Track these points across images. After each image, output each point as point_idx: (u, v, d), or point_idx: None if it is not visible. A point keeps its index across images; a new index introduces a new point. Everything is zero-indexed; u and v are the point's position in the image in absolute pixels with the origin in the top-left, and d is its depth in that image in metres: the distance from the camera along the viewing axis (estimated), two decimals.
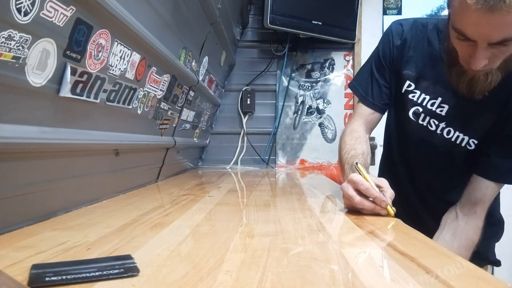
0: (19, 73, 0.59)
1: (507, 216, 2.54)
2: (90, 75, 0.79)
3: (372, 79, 1.04)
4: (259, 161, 2.32)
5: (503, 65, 0.79)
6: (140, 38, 0.93)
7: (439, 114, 0.91)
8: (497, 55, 0.75)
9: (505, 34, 0.69)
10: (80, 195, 0.89)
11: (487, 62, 0.75)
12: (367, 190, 0.77)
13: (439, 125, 0.92)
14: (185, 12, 1.27)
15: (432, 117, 0.93)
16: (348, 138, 1.02)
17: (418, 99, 0.94)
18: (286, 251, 0.55)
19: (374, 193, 0.77)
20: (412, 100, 0.95)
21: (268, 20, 1.96)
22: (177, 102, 1.45)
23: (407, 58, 0.98)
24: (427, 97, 0.93)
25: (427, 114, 0.93)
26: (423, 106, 0.93)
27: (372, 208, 0.78)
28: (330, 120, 2.36)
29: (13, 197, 0.66)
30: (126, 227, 0.69)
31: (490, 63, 0.76)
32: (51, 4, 0.60)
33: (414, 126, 0.97)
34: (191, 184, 1.41)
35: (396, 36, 1.02)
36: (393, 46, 1.01)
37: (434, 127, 0.93)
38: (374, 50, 1.08)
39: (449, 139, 0.92)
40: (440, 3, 2.68)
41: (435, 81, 0.92)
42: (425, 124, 0.94)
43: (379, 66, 1.03)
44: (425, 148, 0.97)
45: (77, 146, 0.83)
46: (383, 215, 0.79)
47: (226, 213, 0.85)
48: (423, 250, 0.58)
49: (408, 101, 0.96)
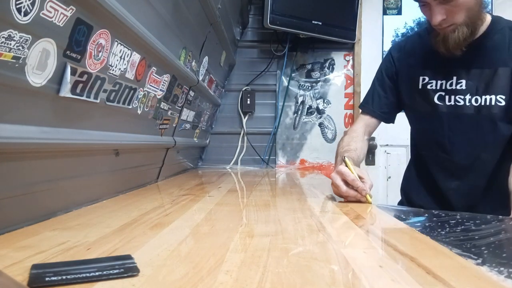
0: (19, 73, 0.59)
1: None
2: (90, 75, 0.79)
3: (373, 91, 1.18)
4: (259, 161, 2.32)
5: (468, 20, 0.92)
6: (140, 38, 0.93)
7: (461, 89, 1.00)
8: (453, 11, 0.90)
9: None
10: (80, 195, 0.89)
11: (446, 17, 0.91)
12: (352, 181, 0.92)
13: (465, 98, 0.99)
14: (185, 12, 1.27)
15: (456, 94, 1.01)
16: (347, 137, 1.18)
17: (437, 86, 1.03)
18: (286, 251, 0.55)
19: (358, 184, 0.92)
20: (432, 89, 1.04)
21: (268, 20, 1.96)
22: (177, 102, 1.45)
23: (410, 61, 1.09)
24: (444, 81, 1.02)
25: (451, 93, 1.01)
26: (444, 90, 1.02)
27: (355, 195, 0.94)
28: (330, 120, 2.37)
29: (13, 197, 0.66)
30: (126, 227, 0.69)
31: (451, 18, 0.91)
32: (51, 4, 0.60)
33: (443, 109, 1.03)
34: (191, 184, 1.41)
35: (395, 50, 1.17)
36: (393, 60, 1.15)
37: (461, 102, 1.00)
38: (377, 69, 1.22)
39: (479, 106, 0.98)
40: None
41: (442, 65, 1.02)
42: (453, 103, 1.01)
43: (380, 81, 1.17)
44: (461, 124, 1.02)
45: (77, 146, 0.83)
46: (363, 202, 0.95)
47: (226, 213, 0.85)
48: (423, 250, 0.58)
49: (429, 92, 1.04)
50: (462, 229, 0.74)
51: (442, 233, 0.70)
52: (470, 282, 0.45)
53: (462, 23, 0.93)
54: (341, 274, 0.46)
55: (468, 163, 1.04)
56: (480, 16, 0.97)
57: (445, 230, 0.73)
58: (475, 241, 0.64)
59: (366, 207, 0.93)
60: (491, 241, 0.65)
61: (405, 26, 2.69)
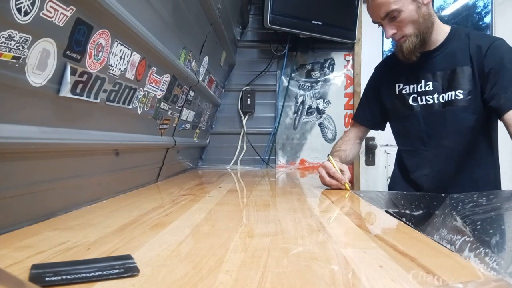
0: (19, 73, 0.59)
1: None
2: (90, 75, 0.79)
3: (362, 104, 1.43)
4: (259, 161, 2.32)
5: (416, 31, 1.12)
6: (140, 38, 0.93)
7: (429, 90, 1.18)
8: (400, 25, 1.11)
9: (385, 10, 1.10)
10: (80, 195, 0.89)
11: (396, 31, 1.13)
12: (334, 173, 1.18)
13: (433, 97, 1.17)
14: (185, 12, 1.27)
15: (426, 95, 1.18)
16: (340, 140, 1.45)
17: (410, 90, 1.22)
18: (286, 251, 0.55)
19: (338, 175, 1.18)
20: (407, 93, 1.22)
21: (268, 20, 1.96)
22: (177, 102, 1.45)
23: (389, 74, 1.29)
24: (415, 85, 1.21)
25: (422, 94, 1.19)
26: (416, 92, 1.20)
27: (336, 184, 1.19)
28: (330, 120, 2.37)
29: (13, 197, 0.66)
30: (126, 227, 0.69)
31: (401, 32, 1.12)
32: (51, 4, 0.60)
33: (417, 109, 1.21)
34: (191, 184, 1.41)
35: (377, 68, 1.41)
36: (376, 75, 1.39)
37: (431, 100, 1.18)
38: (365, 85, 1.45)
39: (444, 102, 1.16)
40: (440, 3, 2.68)
41: (412, 72, 1.21)
42: (425, 103, 1.19)
43: (367, 94, 1.41)
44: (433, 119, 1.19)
45: (77, 146, 0.83)
46: (343, 189, 1.19)
47: (226, 213, 0.85)
48: (423, 250, 0.58)
49: (405, 96, 1.23)
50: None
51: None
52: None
53: (411, 34, 1.13)
54: (341, 274, 0.46)
55: (438, 151, 1.20)
56: (428, 26, 1.14)
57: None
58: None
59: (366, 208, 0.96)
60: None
61: None
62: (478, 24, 2.66)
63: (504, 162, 2.44)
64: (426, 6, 1.12)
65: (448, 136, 1.17)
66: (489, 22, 2.45)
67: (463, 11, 2.64)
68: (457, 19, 2.67)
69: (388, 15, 1.11)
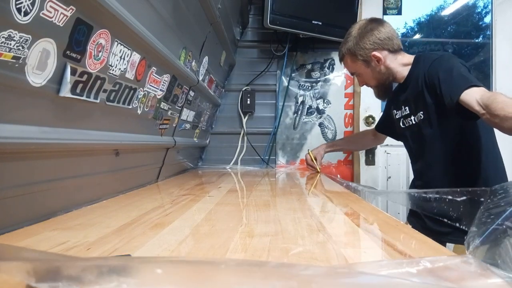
0: (19, 73, 0.59)
1: None
2: (90, 75, 0.79)
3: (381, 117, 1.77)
4: (259, 161, 2.32)
5: (377, 82, 1.44)
6: (140, 38, 0.93)
7: (407, 114, 1.40)
8: (363, 80, 1.48)
9: (350, 70, 1.49)
10: (80, 195, 0.89)
11: (364, 84, 1.51)
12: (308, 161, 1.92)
13: (411, 119, 1.39)
14: (185, 12, 1.27)
15: (406, 118, 1.42)
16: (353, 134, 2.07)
17: (398, 115, 1.47)
18: (286, 251, 0.55)
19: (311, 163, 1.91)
20: (397, 118, 1.48)
21: (268, 20, 1.96)
22: (177, 102, 1.45)
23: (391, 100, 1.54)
24: (400, 111, 1.45)
25: (404, 118, 1.43)
26: (401, 117, 1.45)
27: (311, 169, 1.93)
28: (330, 120, 2.36)
29: (13, 197, 0.66)
30: (126, 227, 0.69)
31: (368, 83, 1.48)
32: (51, 4, 0.60)
33: (405, 129, 1.44)
34: (191, 184, 1.41)
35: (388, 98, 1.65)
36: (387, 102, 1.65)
37: (410, 122, 1.40)
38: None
39: (418, 121, 1.36)
40: (440, 3, 2.68)
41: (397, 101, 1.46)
42: (408, 124, 1.42)
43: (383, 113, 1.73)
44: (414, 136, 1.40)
45: (77, 146, 0.83)
46: (314, 172, 1.90)
47: (226, 213, 0.85)
48: (423, 250, 0.58)
49: (396, 120, 1.49)
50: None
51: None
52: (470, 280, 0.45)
53: (374, 85, 1.47)
54: None
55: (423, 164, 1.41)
56: (387, 77, 1.41)
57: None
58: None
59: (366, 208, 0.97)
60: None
61: (405, 26, 2.69)
62: (478, 24, 2.66)
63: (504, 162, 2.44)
64: (381, 65, 1.38)
65: (428, 150, 1.35)
66: (489, 22, 2.45)
67: (463, 11, 2.64)
68: (457, 19, 2.67)
69: (354, 74, 1.50)
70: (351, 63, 1.44)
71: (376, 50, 1.37)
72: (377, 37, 1.37)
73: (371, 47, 1.37)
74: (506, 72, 2.39)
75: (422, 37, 2.82)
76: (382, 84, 1.43)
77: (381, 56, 1.37)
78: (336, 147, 1.96)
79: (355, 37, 1.40)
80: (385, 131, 1.71)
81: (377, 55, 1.37)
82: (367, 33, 1.38)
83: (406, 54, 1.41)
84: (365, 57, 1.39)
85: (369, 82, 1.46)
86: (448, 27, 2.77)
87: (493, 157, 1.30)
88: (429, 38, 2.75)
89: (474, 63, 2.63)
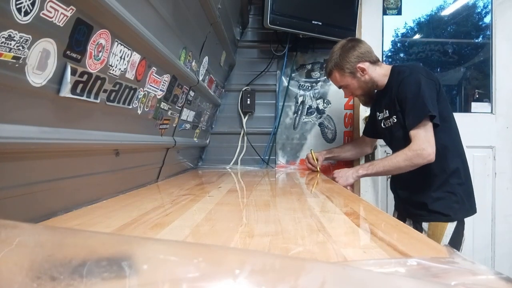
0: (19, 73, 0.59)
1: (507, 216, 2.54)
2: (90, 75, 0.79)
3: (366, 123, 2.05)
4: (259, 161, 2.32)
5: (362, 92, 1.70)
6: (140, 38, 0.93)
7: (387, 116, 1.65)
8: (351, 90, 1.71)
9: (338, 84, 1.72)
10: (80, 195, 0.89)
11: (351, 94, 1.80)
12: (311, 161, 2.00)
13: (390, 121, 1.64)
14: (185, 12, 1.27)
15: (386, 119, 1.67)
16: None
17: (380, 117, 1.71)
18: (286, 251, 0.55)
19: (312, 162, 1.99)
20: (379, 119, 1.72)
21: (268, 20, 1.96)
22: (177, 102, 1.45)
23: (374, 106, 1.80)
24: (381, 114, 1.70)
25: (385, 120, 1.68)
26: (382, 118, 1.69)
27: (311, 168, 2.02)
28: (330, 120, 2.36)
29: (13, 197, 0.66)
30: (126, 227, 0.69)
31: (354, 93, 1.74)
32: (51, 4, 0.60)
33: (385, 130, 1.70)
34: (191, 184, 1.41)
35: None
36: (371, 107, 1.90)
37: (389, 124, 1.65)
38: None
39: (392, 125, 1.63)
40: (440, 3, 2.68)
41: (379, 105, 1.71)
42: (387, 125, 1.67)
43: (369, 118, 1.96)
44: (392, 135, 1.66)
45: (77, 146, 0.83)
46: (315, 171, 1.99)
47: (226, 213, 0.85)
48: (423, 250, 0.58)
49: (379, 121, 1.73)
50: None
51: None
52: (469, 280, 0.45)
53: (360, 94, 1.72)
54: None
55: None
56: (371, 85, 1.66)
57: None
58: None
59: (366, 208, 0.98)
60: None
61: (405, 26, 2.69)
62: (478, 24, 2.66)
63: (504, 162, 2.43)
64: (365, 75, 1.63)
65: (397, 144, 1.59)
66: (489, 22, 2.45)
67: (463, 11, 2.64)
68: (457, 19, 2.67)
69: (341, 87, 1.73)
70: (339, 77, 1.67)
71: (360, 62, 1.62)
72: (359, 51, 1.62)
73: (356, 60, 1.61)
74: (506, 72, 2.39)
75: (422, 37, 2.82)
76: (367, 92, 1.69)
77: (365, 67, 1.62)
78: (334, 154, 2.03)
79: (340, 54, 1.64)
80: (372, 134, 1.92)
81: (362, 66, 1.61)
82: (350, 49, 1.63)
83: (383, 65, 1.67)
84: (351, 70, 1.63)
85: (355, 92, 1.71)
86: (448, 27, 2.77)
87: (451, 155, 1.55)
88: (429, 38, 2.75)
89: (474, 63, 2.64)
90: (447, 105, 1.60)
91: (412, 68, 1.59)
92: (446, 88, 2.77)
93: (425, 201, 1.56)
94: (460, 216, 1.54)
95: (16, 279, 0.31)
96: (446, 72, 2.74)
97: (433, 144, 1.46)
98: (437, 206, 1.54)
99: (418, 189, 1.59)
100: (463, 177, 1.57)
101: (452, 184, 1.54)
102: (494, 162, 2.37)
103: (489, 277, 0.40)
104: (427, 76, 1.53)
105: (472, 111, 2.47)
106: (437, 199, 1.54)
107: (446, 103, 1.60)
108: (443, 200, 1.54)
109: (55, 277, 0.31)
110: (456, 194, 1.54)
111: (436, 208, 1.54)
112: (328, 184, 1.54)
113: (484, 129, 2.38)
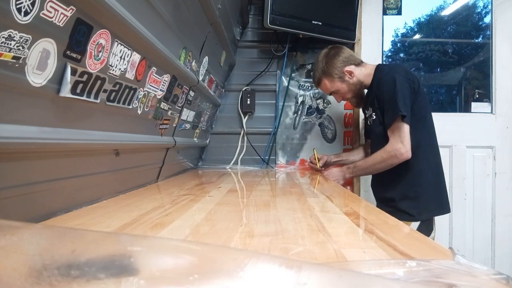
0: (19, 73, 0.59)
1: (507, 216, 2.53)
2: (90, 75, 0.79)
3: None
4: (259, 161, 2.32)
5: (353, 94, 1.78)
6: (140, 38, 0.93)
7: (371, 113, 1.72)
8: (342, 94, 1.80)
9: (328, 91, 1.82)
10: (80, 195, 0.89)
11: (342, 98, 1.84)
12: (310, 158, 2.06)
13: (373, 118, 1.71)
14: (185, 12, 1.27)
15: (370, 117, 1.75)
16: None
17: (367, 114, 1.80)
18: (286, 251, 0.55)
19: (312, 160, 2.03)
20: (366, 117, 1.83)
21: (268, 20, 1.96)
22: (177, 102, 1.45)
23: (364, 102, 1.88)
24: (368, 111, 1.79)
25: (370, 117, 1.76)
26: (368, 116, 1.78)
27: (313, 167, 2.04)
28: (330, 120, 2.36)
29: (13, 197, 0.66)
30: (126, 227, 0.69)
31: (345, 97, 1.81)
32: (51, 4, 0.60)
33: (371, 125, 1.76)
34: (191, 184, 1.41)
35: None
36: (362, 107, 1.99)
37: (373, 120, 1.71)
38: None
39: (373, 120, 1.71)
40: (440, 3, 2.68)
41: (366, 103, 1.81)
42: (372, 122, 1.74)
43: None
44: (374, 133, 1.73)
45: (77, 146, 0.83)
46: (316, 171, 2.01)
47: (226, 213, 0.85)
48: (423, 250, 0.58)
49: (366, 118, 1.83)
50: None
51: None
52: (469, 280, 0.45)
53: (351, 97, 1.81)
54: None
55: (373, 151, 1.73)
56: (359, 87, 1.76)
57: None
58: None
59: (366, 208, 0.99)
60: None
61: (405, 26, 2.69)
62: (478, 24, 2.66)
63: (504, 162, 2.43)
64: (353, 77, 1.72)
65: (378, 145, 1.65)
66: (489, 22, 2.45)
67: (463, 11, 2.64)
68: (457, 19, 2.67)
69: (332, 93, 1.82)
70: (329, 83, 1.76)
71: (346, 66, 1.72)
72: (343, 56, 1.73)
73: (342, 65, 1.71)
74: (506, 72, 2.39)
75: (422, 37, 2.82)
76: (357, 94, 1.78)
77: (351, 69, 1.71)
78: (342, 158, 2.07)
79: (326, 62, 1.73)
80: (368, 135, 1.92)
81: (349, 70, 1.71)
82: (334, 55, 1.73)
83: (367, 65, 1.76)
84: (339, 74, 1.73)
85: (346, 96, 1.79)
86: (448, 27, 2.77)
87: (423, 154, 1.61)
88: (429, 38, 2.75)
89: (474, 63, 2.64)
90: (425, 104, 1.66)
91: (391, 67, 1.68)
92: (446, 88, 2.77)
93: (394, 196, 1.64)
94: (425, 216, 1.61)
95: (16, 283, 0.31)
96: (446, 72, 2.74)
97: (407, 143, 1.53)
98: (403, 205, 1.61)
99: (389, 186, 1.67)
100: (434, 176, 1.63)
101: (421, 184, 1.60)
102: (494, 162, 2.37)
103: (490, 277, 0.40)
104: (405, 76, 1.59)
105: (472, 111, 2.47)
106: (405, 198, 1.62)
107: (425, 102, 1.66)
108: (409, 200, 1.61)
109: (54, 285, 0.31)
110: (424, 194, 1.60)
111: (403, 207, 1.61)
112: (328, 184, 1.54)
113: (484, 129, 2.38)
